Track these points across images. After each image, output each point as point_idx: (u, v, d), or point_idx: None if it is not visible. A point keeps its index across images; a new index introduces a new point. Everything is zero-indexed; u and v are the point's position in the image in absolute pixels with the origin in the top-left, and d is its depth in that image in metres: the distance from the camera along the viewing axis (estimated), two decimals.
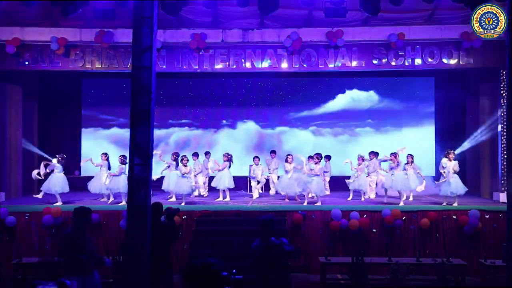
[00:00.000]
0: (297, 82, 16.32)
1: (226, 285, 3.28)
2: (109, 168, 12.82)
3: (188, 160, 12.75)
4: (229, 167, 13.11)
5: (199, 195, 13.77)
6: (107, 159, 12.98)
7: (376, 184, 13.55)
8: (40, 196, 12.62)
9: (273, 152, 14.37)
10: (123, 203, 12.11)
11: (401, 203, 12.07)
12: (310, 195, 12.64)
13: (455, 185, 11.87)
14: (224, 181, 12.93)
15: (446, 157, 12.10)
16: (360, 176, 13.11)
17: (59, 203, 12.14)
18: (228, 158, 13.10)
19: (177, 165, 12.89)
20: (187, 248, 10.83)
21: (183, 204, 12.02)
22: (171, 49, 13.44)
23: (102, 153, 13.14)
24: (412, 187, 12.51)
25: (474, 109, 14.70)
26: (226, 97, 16.34)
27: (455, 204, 11.85)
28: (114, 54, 13.42)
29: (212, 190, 13.89)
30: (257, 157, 14.10)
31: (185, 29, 13.20)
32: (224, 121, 16.50)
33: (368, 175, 13.40)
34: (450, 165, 11.95)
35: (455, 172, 11.98)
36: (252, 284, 5.69)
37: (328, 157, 13.92)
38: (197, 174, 13.72)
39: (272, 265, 6.02)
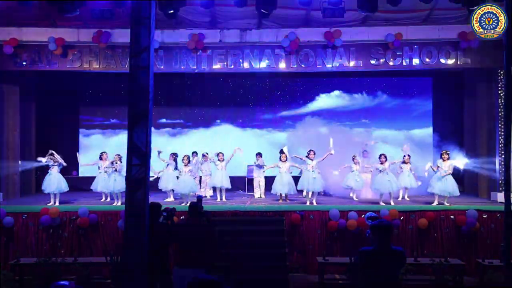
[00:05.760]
0: (295, 82, 16.36)
1: None
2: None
3: (189, 160, 12.78)
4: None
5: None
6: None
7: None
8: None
9: (282, 152, 14.18)
10: (118, 203, 12.15)
11: (382, 203, 12.13)
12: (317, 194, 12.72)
13: (447, 185, 11.84)
14: (222, 180, 12.96)
15: (441, 158, 12.12)
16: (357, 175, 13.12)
17: (56, 203, 12.15)
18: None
19: (176, 165, 12.91)
20: None
21: (183, 204, 12.01)
22: (169, 50, 13.43)
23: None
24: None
25: (472, 109, 14.73)
26: (224, 97, 16.37)
27: (446, 204, 11.86)
28: (112, 54, 13.41)
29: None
30: (259, 153, 14.08)
31: (183, 30, 13.20)
32: (218, 121, 16.55)
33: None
34: (445, 165, 11.95)
35: (449, 173, 11.94)
36: None
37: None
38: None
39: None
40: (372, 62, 13.40)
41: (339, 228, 11.33)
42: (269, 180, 13.58)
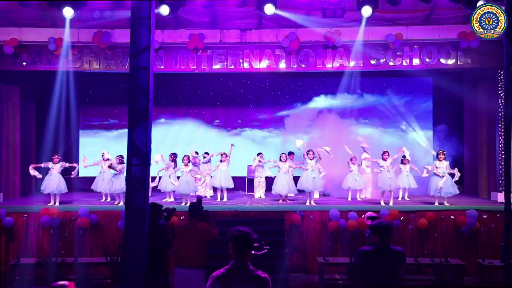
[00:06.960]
0: (295, 82, 16.35)
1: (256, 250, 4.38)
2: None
3: (189, 160, 12.79)
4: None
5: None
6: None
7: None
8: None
9: (291, 153, 14.03)
10: (121, 203, 12.12)
11: (383, 203, 12.17)
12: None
13: (447, 185, 11.82)
14: (223, 180, 12.96)
15: (437, 158, 12.13)
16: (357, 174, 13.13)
17: (56, 204, 12.13)
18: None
19: (175, 165, 12.91)
20: None
21: (183, 204, 12.00)
22: (169, 50, 13.43)
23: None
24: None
25: (472, 109, 14.73)
26: (224, 97, 16.37)
27: (446, 204, 11.86)
28: (112, 54, 13.41)
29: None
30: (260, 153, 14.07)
31: (183, 30, 13.20)
32: (217, 121, 16.54)
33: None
34: (442, 165, 11.94)
35: (447, 173, 11.93)
36: None
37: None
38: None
39: None
40: (372, 62, 13.40)
41: (339, 228, 11.33)
42: (270, 180, 13.59)
